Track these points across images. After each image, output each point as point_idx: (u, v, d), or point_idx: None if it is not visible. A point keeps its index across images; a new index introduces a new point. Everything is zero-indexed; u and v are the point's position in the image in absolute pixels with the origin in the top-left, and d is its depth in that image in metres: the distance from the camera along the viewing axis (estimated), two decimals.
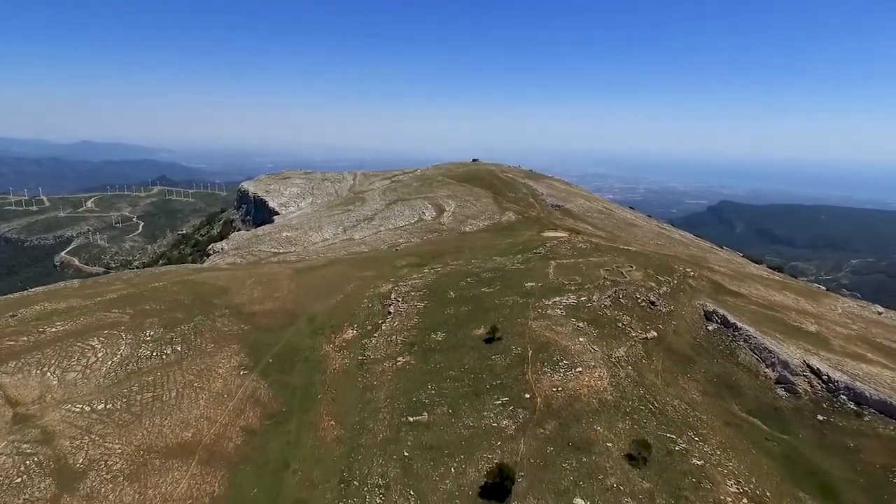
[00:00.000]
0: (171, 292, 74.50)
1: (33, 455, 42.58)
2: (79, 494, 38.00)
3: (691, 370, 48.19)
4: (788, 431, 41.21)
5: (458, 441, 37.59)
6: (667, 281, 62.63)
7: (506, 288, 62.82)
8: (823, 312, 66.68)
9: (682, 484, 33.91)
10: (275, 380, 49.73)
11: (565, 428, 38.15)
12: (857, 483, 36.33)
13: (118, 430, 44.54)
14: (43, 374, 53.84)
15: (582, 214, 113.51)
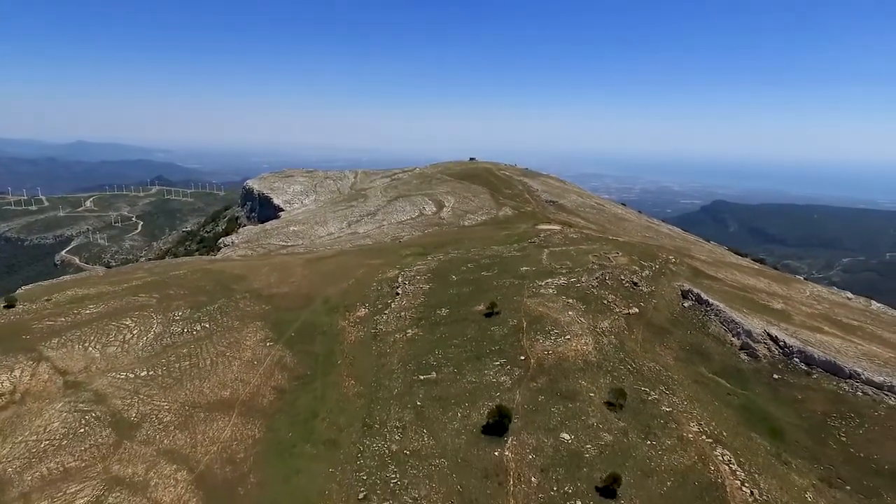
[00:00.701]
0: (192, 279, 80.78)
1: (90, 411, 48.95)
2: (137, 440, 44.36)
3: (667, 340, 54.84)
4: (747, 388, 47.85)
5: (462, 393, 44.16)
6: (650, 266, 69.28)
7: (503, 272, 69.42)
8: (792, 295, 73.49)
9: (652, 424, 40.52)
10: (298, 350, 56.19)
11: (554, 382, 44.75)
12: (800, 426, 43.01)
13: (163, 391, 50.95)
14: (85, 349, 60.12)
15: (575, 209, 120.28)
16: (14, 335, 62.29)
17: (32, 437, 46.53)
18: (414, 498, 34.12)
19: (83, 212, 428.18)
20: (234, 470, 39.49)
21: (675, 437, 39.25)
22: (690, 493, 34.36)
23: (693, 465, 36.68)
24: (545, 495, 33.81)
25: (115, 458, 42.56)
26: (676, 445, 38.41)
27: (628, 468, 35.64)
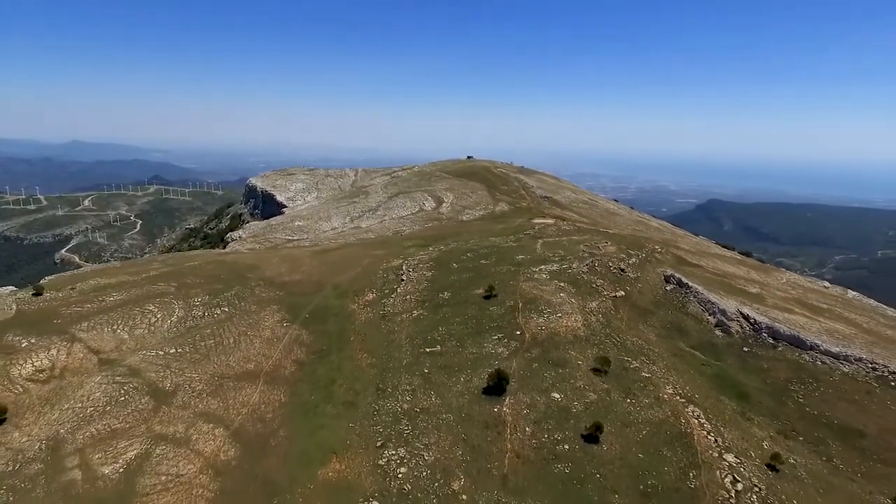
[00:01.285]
0: (207, 269, 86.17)
1: (127, 383, 54.40)
2: (174, 405, 49.82)
3: (650, 318, 60.57)
4: (720, 359, 53.61)
5: (465, 362, 49.79)
6: (636, 254, 75.01)
7: (500, 260, 75.06)
8: (768, 281, 79.35)
9: (632, 387, 46.19)
10: (313, 329, 61.69)
11: (546, 352, 50.42)
12: (764, 390, 48.78)
13: (192, 365, 56.41)
14: (114, 331, 65.53)
15: (568, 204, 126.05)
16: (46, 320, 67.65)
17: (77, 404, 51.96)
18: (425, 444, 39.72)
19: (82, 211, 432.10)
20: (265, 427, 45.04)
21: (652, 397, 44.92)
22: (662, 439, 40.04)
23: (666, 418, 42.37)
24: (538, 441, 39.46)
25: (155, 420, 48.04)
26: (653, 403, 44.10)
27: (610, 420, 41.32)
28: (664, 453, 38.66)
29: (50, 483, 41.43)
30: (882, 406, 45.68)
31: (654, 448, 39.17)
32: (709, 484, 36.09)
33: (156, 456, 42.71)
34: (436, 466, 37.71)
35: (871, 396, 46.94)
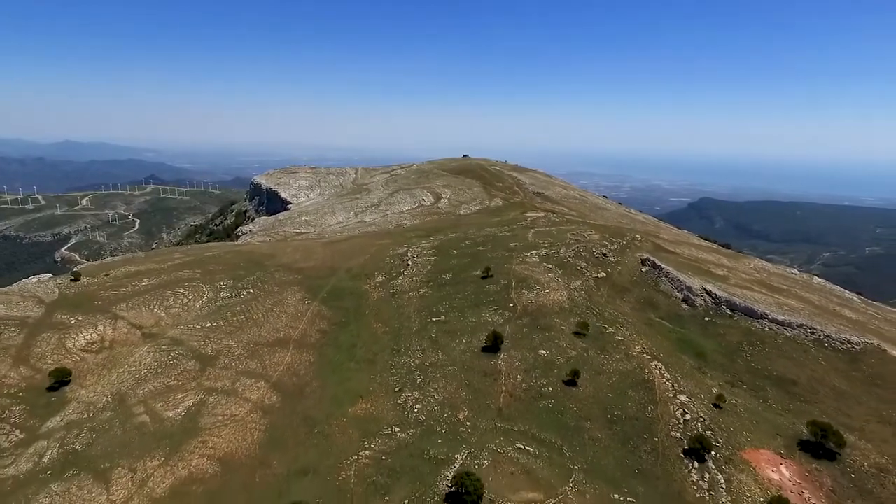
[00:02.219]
0: (227, 258, 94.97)
1: (173, 350, 63.22)
2: (218, 366, 58.64)
3: (626, 295, 69.85)
4: (684, 327, 62.85)
5: (466, 328, 58.93)
6: (618, 241, 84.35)
7: (495, 247, 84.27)
8: (736, 266, 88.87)
9: (607, 346, 55.43)
10: (332, 305, 70.64)
11: (535, 320, 59.61)
12: (719, 351, 58.05)
13: (229, 336, 65.26)
14: (152, 310, 74.33)
15: (559, 199, 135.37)
16: (88, 301, 76.41)
17: (131, 368, 60.82)
18: (434, 388, 48.81)
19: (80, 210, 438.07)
20: (299, 380, 54.00)
21: (623, 354, 54.18)
22: (628, 384, 49.27)
23: (633, 369, 51.61)
24: (526, 385, 48.63)
25: (204, 377, 56.89)
26: (623, 358, 53.34)
27: (586, 369, 50.50)
28: (629, 394, 47.89)
29: (124, 424, 50.24)
30: (814, 362, 55.09)
31: (621, 390, 48.39)
32: (663, 415, 45.31)
33: (210, 403, 51.62)
34: (444, 403, 46.77)
35: (806, 354, 56.35)
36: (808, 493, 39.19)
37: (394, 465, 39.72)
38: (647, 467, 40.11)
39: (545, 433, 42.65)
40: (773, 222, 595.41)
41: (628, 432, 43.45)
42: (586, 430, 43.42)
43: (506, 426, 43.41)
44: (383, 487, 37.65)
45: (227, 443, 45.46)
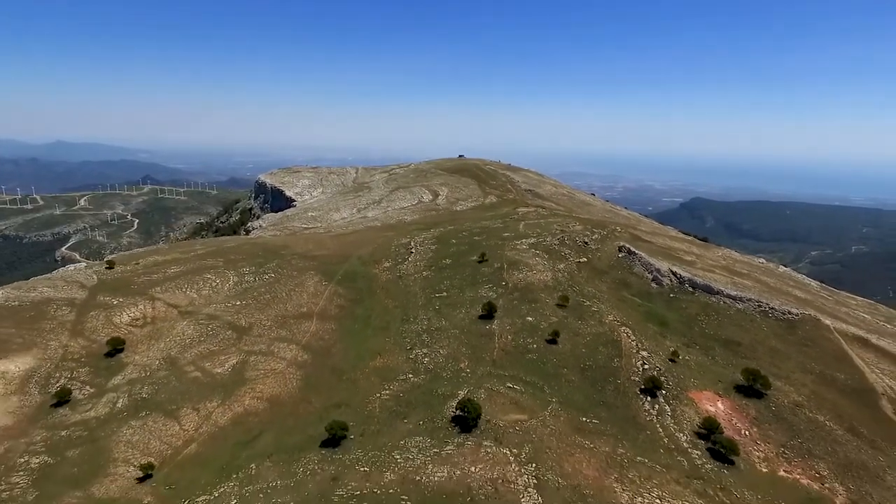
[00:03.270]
0: (244, 249, 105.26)
1: (211, 323, 73.55)
2: (253, 335, 69.04)
3: (604, 277, 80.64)
4: (652, 302, 73.65)
5: (464, 301, 69.65)
6: (599, 232, 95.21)
7: (490, 237, 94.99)
8: (704, 254, 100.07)
9: (584, 315, 66.19)
10: (346, 286, 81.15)
11: (524, 295, 70.39)
12: (680, 320, 68.82)
13: (258, 311, 75.63)
14: (184, 292, 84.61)
15: (549, 196, 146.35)
16: (125, 285, 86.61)
17: (176, 338, 71.16)
18: (440, 346, 59.49)
19: (79, 210, 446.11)
20: (325, 343, 64.53)
21: (597, 321, 64.99)
22: (600, 342, 60.06)
23: (605, 332, 62.41)
24: (515, 343, 59.37)
25: (242, 343, 67.31)
26: (597, 324, 64.15)
27: (565, 332, 61.27)
28: (600, 349, 58.69)
29: (179, 379, 60.62)
30: (758, 328, 66.03)
31: (593, 347, 59.18)
32: (626, 365, 56.10)
33: (251, 361, 62.08)
34: (448, 356, 57.40)
35: (752, 322, 67.29)
36: (736, 419, 50.05)
37: (409, 399, 50.34)
38: (610, 401, 50.88)
39: (529, 377, 53.37)
40: (762, 222, 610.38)
41: (597, 377, 54.25)
42: (563, 375, 54.17)
43: (498, 372, 54.10)
44: (402, 414, 48.22)
45: (272, 388, 55.99)
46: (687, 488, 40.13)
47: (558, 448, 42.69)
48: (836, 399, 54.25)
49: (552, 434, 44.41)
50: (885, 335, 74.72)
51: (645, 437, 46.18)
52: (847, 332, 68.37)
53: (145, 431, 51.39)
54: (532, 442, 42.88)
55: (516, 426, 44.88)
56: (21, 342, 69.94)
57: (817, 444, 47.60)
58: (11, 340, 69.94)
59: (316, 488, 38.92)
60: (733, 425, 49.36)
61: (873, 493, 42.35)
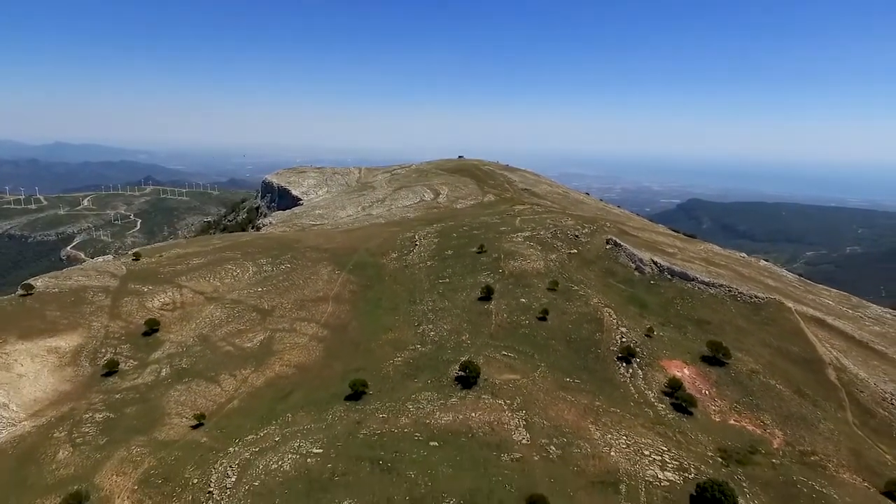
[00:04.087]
0: (259, 243, 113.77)
1: (236, 307, 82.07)
2: (275, 316, 77.57)
3: (592, 266, 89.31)
4: (634, 287, 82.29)
5: (465, 285, 78.32)
6: (589, 227, 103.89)
7: (488, 231, 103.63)
8: (687, 247, 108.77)
9: (571, 297, 74.79)
10: (357, 274, 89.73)
11: (518, 280, 79.04)
12: (658, 303, 77.43)
13: (278, 296, 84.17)
14: (208, 280, 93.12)
15: (544, 195, 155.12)
16: (152, 275, 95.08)
17: (206, 319, 79.67)
18: (443, 323, 68.13)
19: (82, 210, 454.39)
20: (341, 322, 73.14)
21: (583, 302, 73.63)
22: (585, 320, 68.67)
23: (590, 311, 71.04)
24: (510, 319, 68.01)
25: (266, 323, 75.84)
26: (583, 305, 72.78)
27: (554, 310, 69.91)
28: (584, 326, 67.33)
29: (214, 353, 69.16)
30: (727, 309, 74.69)
31: (578, 323, 67.84)
32: (606, 338, 64.72)
33: (277, 337, 70.65)
34: (451, 331, 66.04)
35: (722, 305, 75.98)
36: (699, 382, 58.68)
37: (418, 364, 58.94)
38: (591, 366, 59.52)
39: (522, 346, 62.01)
40: (758, 223, 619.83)
41: (580, 347, 62.91)
42: (551, 345, 62.83)
43: (495, 343, 62.72)
44: (412, 375, 56.80)
45: (298, 357, 64.62)
46: (650, 431, 48.73)
47: (544, 400, 51.30)
48: (788, 367, 62.95)
49: (540, 390, 53.03)
50: (843, 318, 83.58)
51: (619, 394, 54.84)
52: (806, 313, 77.19)
53: (191, 393, 59.91)
54: (523, 395, 51.48)
55: (510, 384, 53.49)
56: (67, 323, 78.57)
57: (766, 401, 56.26)
58: (59, 322, 78.59)
59: (343, 429, 47.49)
60: (696, 387, 57.98)
61: (806, 437, 51.02)
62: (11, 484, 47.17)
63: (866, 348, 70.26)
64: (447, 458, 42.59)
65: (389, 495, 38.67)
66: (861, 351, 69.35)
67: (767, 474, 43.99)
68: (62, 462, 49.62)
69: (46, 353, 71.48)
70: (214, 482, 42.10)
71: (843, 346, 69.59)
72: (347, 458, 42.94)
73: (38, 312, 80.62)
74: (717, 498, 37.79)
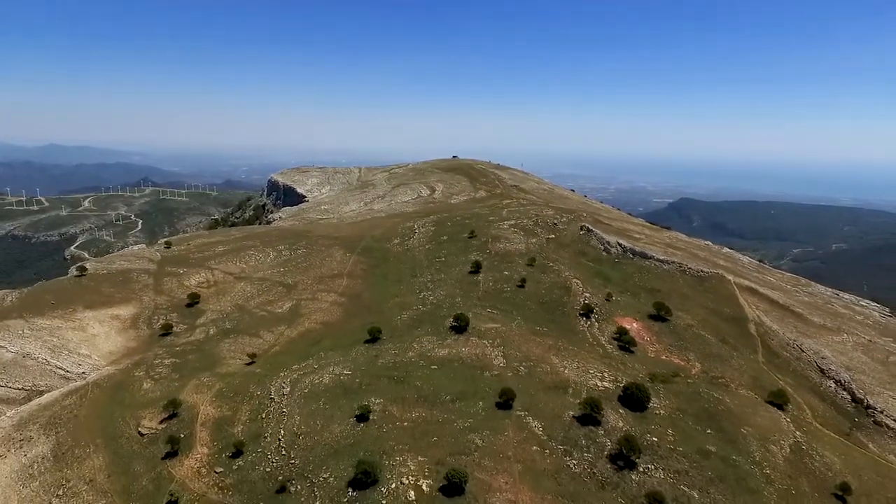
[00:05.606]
0: (274, 233, 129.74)
1: (263, 283, 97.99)
2: (298, 289, 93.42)
3: (567, 248, 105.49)
4: (601, 265, 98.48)
5: (458, 262, 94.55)
6: (567, 216, 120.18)
7: (478, 220, 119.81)
8: (653, 234, 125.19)
9: (546, 270, 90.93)
10: (366, 256, 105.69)
11: (502, 259, 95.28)
12: (619, 277, 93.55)
13: (299, 273, 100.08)
14: (235, 264, 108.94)
15: (531, 190, 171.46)
16: (185, 260, 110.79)
17: (239, 293, 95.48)
18: (440, 290, 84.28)
19: (83, 211, 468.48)
20: (355, 292, 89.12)
21: (556, 275, 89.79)
22: (555, 287, 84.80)
23: (560, 281, 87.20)
24: (494, 287, 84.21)
25: (292, 294, 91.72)
26: (555, 276, 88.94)
27: (530, 280, 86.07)
28: (555, 291, 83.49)
29: (251, 317, 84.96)
30: (675, 281, 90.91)
31: (550, 289, 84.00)
32: (572, 300, 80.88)
33: (303, 304, 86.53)
34: (446, 296, 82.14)
35: (672, 278, 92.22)
36: (643, 332, 74.82)
37: (420, 319, 75.01)
38: (558, 320, 75.71)
39: (503, 306, 78.19)
40: (748, 221, 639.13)
41: (550, 307, 79.11)
42: (527, 305, 79.00)
43: (481, 304, 78.88)
44: (416, 326, 72.77)
45: (322, 317, 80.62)
46: (598, 360, 64.87)
47: (519, 341, 67.40)
48: (718, 323, 79.25)
49: (515, 335, 69.15)
50: (778, 290, 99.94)
51: (577, 338, 71.06)
52: (743, 284, 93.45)
53: (238, 344, 75.76)
54: (502, 338, 67.56)
55: (492, 330, 69.58)
56: (121, 297, 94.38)
57: (694, 345, 72.49)
58: (114, 296, 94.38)
59: (365, 360, 63.45)
60: (640, 335, 74.16)
61: (719, 368, 67.22)
62: (113, 403, 62.83)
63: (786, 310, 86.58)
64: (444, 374, 58.67)
65: (403, 395, 54.68)
66: (781, 312, 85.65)
67: (680, 387, 60.12)
68: (148, 389, 65.35)
69: (110, 320, 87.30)
70: (274, 392, 57.92)
71: (767, 308, 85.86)
72: (370, 376, 58.96)
73: (94, 289, 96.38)
74: (635, 395, 53.87)
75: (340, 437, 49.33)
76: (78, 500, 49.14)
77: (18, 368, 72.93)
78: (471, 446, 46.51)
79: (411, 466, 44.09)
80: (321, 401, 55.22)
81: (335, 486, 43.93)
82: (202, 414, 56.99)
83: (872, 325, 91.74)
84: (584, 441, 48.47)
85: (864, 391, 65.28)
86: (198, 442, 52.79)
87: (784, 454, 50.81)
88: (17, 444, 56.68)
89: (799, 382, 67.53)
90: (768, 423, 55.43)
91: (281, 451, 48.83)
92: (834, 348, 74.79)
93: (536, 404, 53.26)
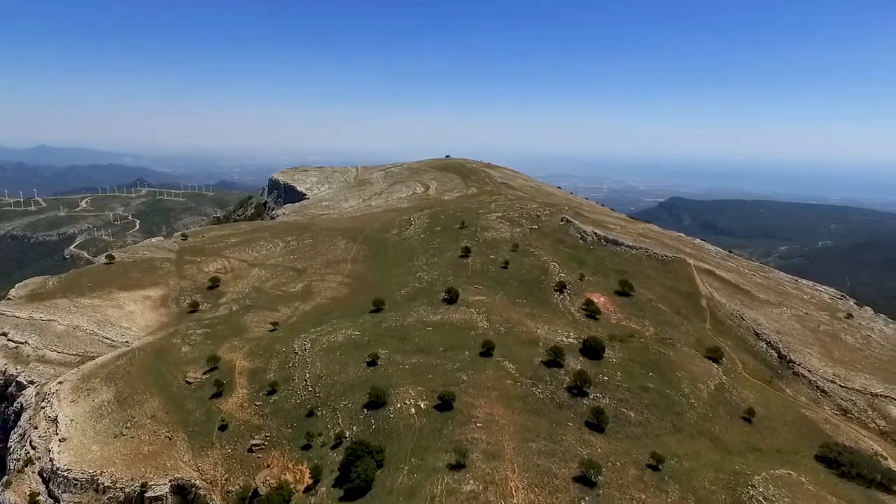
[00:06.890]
0: (280, 227, 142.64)
1: (276, 268, 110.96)
2: (308, 272, 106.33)
3: (548, 237, 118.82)
4: (577, 251, 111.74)
5: (450, 248, 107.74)
6: (550, 209, 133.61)
7: (468, 213, 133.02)
8: (627, 226, 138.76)
9: (528, 255, 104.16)
10: (367, 245, 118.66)
11: (490, 245, 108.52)
12: (594, 261, 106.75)
13: (308, 260, 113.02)
14: (248, 253, 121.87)
15: (519, 187, 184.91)
16: (201, 250, 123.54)
17: (255, 277, 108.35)
18: (434, 271, 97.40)
19: (81, 211, 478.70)
20: (359, 274, 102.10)
21: (536, 258, 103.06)
22: (535, 268, 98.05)
23: (540, 264, 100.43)
24: (482, 268, 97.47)
25: (302, 277, 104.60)
26: (535, 260, 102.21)
27: (513, 262, 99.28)
28: (535, 272, 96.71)
29: (268, 296, 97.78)
30: (641, 264, 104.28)
31: (530, 270, 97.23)
32: (549, 279, 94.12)
33: (313, 284, 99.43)
34: (439, 275, 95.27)
35: (639, 261, 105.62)
36: (608, 304, 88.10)
37: (417, 294, 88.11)
38: (535, 294, 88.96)
39: (488, 283, 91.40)
40: (737, 219, 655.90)
41: (529, 284, 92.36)
42: (509, 283, 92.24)
43: (470, 281, 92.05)
44: (413, 299, 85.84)
45: (332, 294, 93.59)
46: (567, 325, 78.12)
47: (501, 309, 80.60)
48: (674, 298, 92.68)
49: (498, 305, 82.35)
50: (732, 272, 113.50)
51: (551, 308, 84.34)
52: (702, 267, 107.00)
53: (260, 316, 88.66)
54: (487, 307, 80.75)
55: (479, 302, 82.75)
56: (149, 281, 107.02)
57: (651, 315, 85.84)
58: (142, 280, 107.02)
59: (371, 324, 76.47)
60: (605, 307, 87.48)
61: (670, 332, 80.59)
62: (158, 363, 75.51)
63: (736, 288, 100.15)
64: (437, 333, 71.88)
65: (404, 348, 67.83)
66: (732, 290, 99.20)
67: (634, 344, 73.43)
68: (187, 352, 78.12)
69: (143, 300, 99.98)
70: (297, 348, 70.84)
71: (719, 287, 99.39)
72: (376, 335, 72.08)
73: (124, 274, 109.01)
74: (593, 346, 67.11)
75: (355, 376, 62.43)
76: (144, 430, 61.88)
77: (71, 338, 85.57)
78: (458, 380, 59.66)
79: (412, 393, 57.19)
80: (337, 352, 68.24)
81: (353, 409, 57.02)
82: (238, 366, 69.84)
83: (816, 304, 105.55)
84: (548, 377, 61.75)
85: (788, 349, 78.98)
86: (238, 385, 65.68)
87: (709, 391, 64.25)
88: (85, 393, 69.30)
89: (737, 344, 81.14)
90: (701, 370, 68.86)
91: (308, 388, 61.83)
92: (770, 317, 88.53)
93: (512, 353, 66.50)
